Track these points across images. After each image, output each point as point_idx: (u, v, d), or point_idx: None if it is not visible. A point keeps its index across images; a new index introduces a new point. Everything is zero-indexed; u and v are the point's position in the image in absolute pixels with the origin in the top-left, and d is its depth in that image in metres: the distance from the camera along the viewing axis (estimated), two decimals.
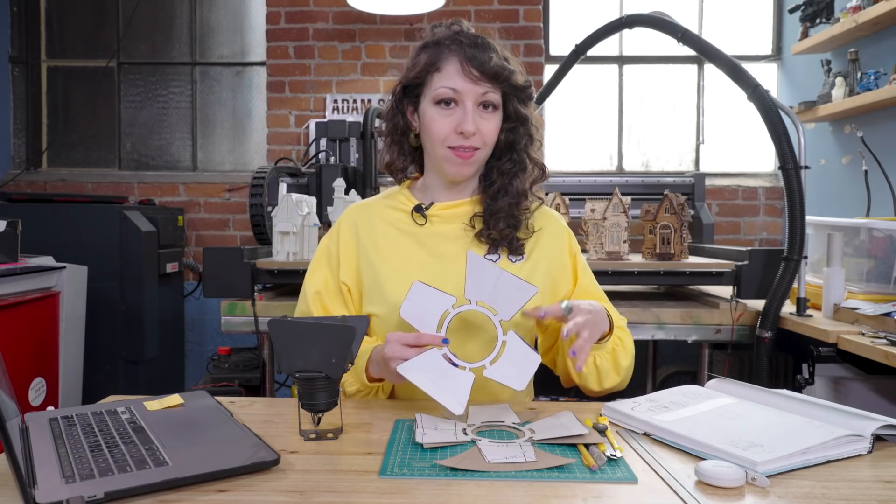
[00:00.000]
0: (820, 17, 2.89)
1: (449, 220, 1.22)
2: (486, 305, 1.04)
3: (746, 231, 3.52)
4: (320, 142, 3.39)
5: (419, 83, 1.17)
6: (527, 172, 1.20)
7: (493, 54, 1.13)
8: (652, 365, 3.00)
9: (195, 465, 0.80)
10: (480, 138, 1.14)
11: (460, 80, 1.12)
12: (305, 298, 1.24)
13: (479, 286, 1.04)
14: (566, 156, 3.68)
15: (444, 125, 1.13)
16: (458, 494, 0.76)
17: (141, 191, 3.63)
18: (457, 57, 1.13)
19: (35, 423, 0.96)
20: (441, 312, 1.03)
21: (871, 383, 1.91)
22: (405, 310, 1.02)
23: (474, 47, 1.12)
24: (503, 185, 1.18)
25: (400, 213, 1.24)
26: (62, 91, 3.79)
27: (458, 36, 1.14)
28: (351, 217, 1.26)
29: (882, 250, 2.01)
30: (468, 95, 1.12)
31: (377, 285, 1.18)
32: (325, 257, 1.24)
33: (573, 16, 3.65)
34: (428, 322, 1.02)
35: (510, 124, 1.18)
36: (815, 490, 0.77)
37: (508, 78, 1.13)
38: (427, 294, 1.03)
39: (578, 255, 1.27)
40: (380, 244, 1.21)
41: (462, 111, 1.13)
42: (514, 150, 1.19)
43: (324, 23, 3.55)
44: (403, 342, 1.00)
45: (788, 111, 2.11)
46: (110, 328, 2.93)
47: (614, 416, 1.03)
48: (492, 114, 1.15)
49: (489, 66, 1.11)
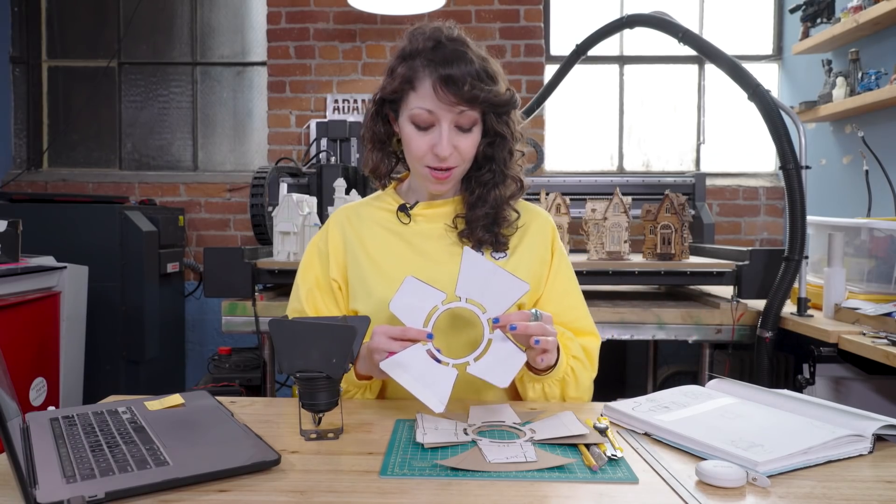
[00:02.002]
0: (821, 17, 2.89)
1: (432, 219, 1.23)
2: (476, 303, 1.04)
3: (747, 231, 3.52)
4: (321, 142, 3.39)
5: (397, 98, 1.15)
6: (506, 185, 1.19)
7: (469, 69, 1.08)
8: (653, 365, 3.00)
9: (196, 465, 0.80)
10: (458, 157, 1.13)
11: (434, 104, 1.10)
12: (298, 297, 1.24)
13: (472, 283, 1.04)
14: (567, 156, 3.68)
15: (421, 145, 1.12)
16: (459, 494, 0.76)
17: (142, 191, 3.63)
18: (430, 78, 1.09)
19: (36, 423, 0.96)
20: (430, 308, 1.03)
21: (872, 383, 1.91)
22: (395, 304, 1.03)
23: (448, 65, 1.08)
24: (482, 195, 1.18)
25: (386, 212, 1.25)
26: (63, 91, 3.80)
27: (433, 52, 1.10)
28: (339, 217, 1.27)
29: (883, 250, 2.01)
30: (443, 117, 1.10)
31: (363, 282, 1.19)
32: (316, 255, 1.26)
33: (574, 16, 3.65)
34: (416, 317, 1.03)
35: (489, 139, 1.16)
36: (815, 490, 0.77)
37: (486, 99, 1.10)
38: (418, 289, 1.04)
39: (558, 254, 1.25)
40: (366, 243, 1.22)
41: (438, 132, 1.11)
42: (493, 163, 1.18)
43: (324, 23, 3.55)
44: (389, 335, 1.01)
45: (789, 111, 2.11)
46: (111, 328, 2.94)
47: (615, 416, 1.03)
48: (469, 132, 1.13)
49: (464, 91, 1.08)
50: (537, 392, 1.15)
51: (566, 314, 1.21)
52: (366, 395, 1.18)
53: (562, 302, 1.22)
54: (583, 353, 1.18)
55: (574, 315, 1.22)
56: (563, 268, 1.25)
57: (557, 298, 1.22)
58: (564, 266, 1.25)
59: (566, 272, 1.25)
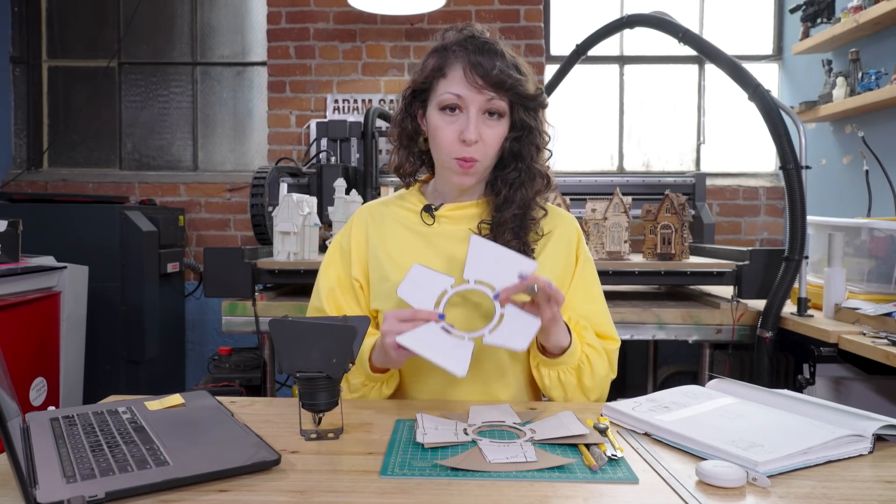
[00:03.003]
0: (821, 17, 2.89)
1: (457, 220, 1.22)
2: (485, 283, 1.05)
3: (747, 231, 3.52)
4: (321, 142, 3.39)
5: (426, 88, 1.17)
6: (533, 183, 1.18)
7: (499, 61, 1.10)
8: (653, 365, 3.00)
9: (196, 465, 0.80)
10: (482, 147, 1.13)
11: (464, 87, 1.11)
12: (319, 295, 1.24)
13: (480, 266, 1.06)
14: (567, 156, 3.68)
15: (449, 133, 1.13)
16: (459, 494, 0.76)
17: (142, 191, 3.63)
18: (461, 63, 1.11)
19: (36, 423, 0.96)
20: (439, 292, 1.05)
21: (872, 383, 1.91)
22: (402, 290, 1.05)
23: (480, 53, 1.11)
24: (508, 196, 1.17)
25: (410, 212, 1.25)
26: (63, 91, 3.80)
27: (466, 42, 1.13)
28: (362, 215, 1.27)
29: (883, 250, 2.01)
30: (472, 102, 1.11)
31: (384, 282, 1.19)
32: (338, 254, 1.26)
33: (574, 16, 3.65)
34: (425, 301, 1.04)
35: (516, 133, 1.16)
36: (815, 490, 0.77)
37: (514, 87, 1.11)
38: (426, 275, 1.06)
39: (583, 258, 1.25)
40: (388, 242, 1.22)
41: (466, 118, 1.12)
42: (520, 160, 1.17)
43: (324, 23, 3.55)
44: (399, 318, 1.01)
45: (789, 111, 2.11)
46: (111, 328, 2.94)
47: (615, 416, 1.03)
48: (497, 121, 1.14)
49: (493, 74, 1.09)
50: (553, 379, 1.15)
51: (588, 319, 1.21)
52: (383, 390, 1.17)
53: (584, 306, 1.22)
54: (597, 341, 1.19)
55: (596, 320, 1.22)
56: (588, 273, 1.25)
57: (580, 303, 1.22)
58: (588, 271, 1.25)
59: (590, 277, 1.25)
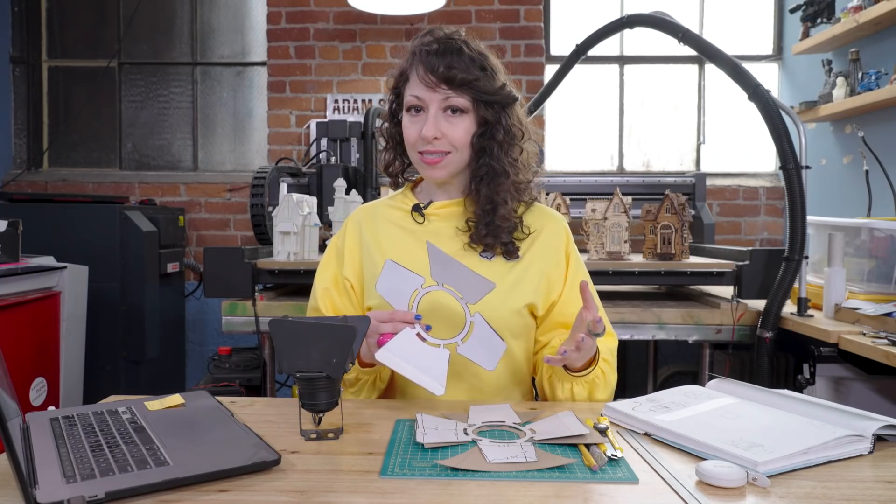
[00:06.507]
0: (821, 17, 2.89)
1: (445, 218, 1.25)
2: (452, 288, 1.13)
3: (747, 231, 3.52)
4: (321, 142, 3.39)
5: (399, 93, 1.22)
6: (496, 178, 1.18)
7: (455, 59, 1.13)
8: (653, 365, 2.99)
9: (196, 465, 0.80)
10: (448, 142, 1.16)
11: (421, 88, 1.15)
12: (315, 294, 1.28)
13: (444, 272, 1.14)
14: (567, 156, 3.68)
15: (413, 131, 1.17)
16: (459, 494, 0.76)
17: (142, 191, 3.63)
18: (419, 65, 1.16)
19: (36, 423, 0.96)
20: (411, 291, 1.14)
21: (872, 383, 1.91)
22: (380, 285, 1.15)
23: (435, 54, 1.14)
24: (477, 189, 1.20)
25: (402, 212, 1.28)
26: (63, 91, 3.80)
27: (424, 44, 1.16)
28: (357, 216, 1.31)
29: (883, 250, 2.01)
30: (431, 101, 1.15)
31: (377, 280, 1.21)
32: (334, 254, 1.30)
33: (574, 16, 3.65)
34: (400, 298, 1.15)
35: (480, 129, 1.18)
36: (815, 490, 0.77)
37: (468, 83, 1.14)
38: (398, 272, 1.15)
39: (573, 258, 1.26)
40: (382, 241, 1.25)
41: (426, 117, 1.16)
42: (485, 156, 1.18)
43: (324, 23, 3.55)
44: (378, 319, 1.08)
45: (789, 111, 2.11)
46: (111, 328, 2.94)
47: (615, 416, 1.03)
48: (459, 117, 1.16)
49: (441, 72, 1.12)
50: (566, 392, 1.16)
51: None
52: (377, 384, 1.20)
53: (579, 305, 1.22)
54: (611, 355, 1.20)
55: None
56: (581, 272, 1.26)
57: (575, 301, 1.22)
58: (581, 271, 1.26)
59: (582, 275, 1.26)
